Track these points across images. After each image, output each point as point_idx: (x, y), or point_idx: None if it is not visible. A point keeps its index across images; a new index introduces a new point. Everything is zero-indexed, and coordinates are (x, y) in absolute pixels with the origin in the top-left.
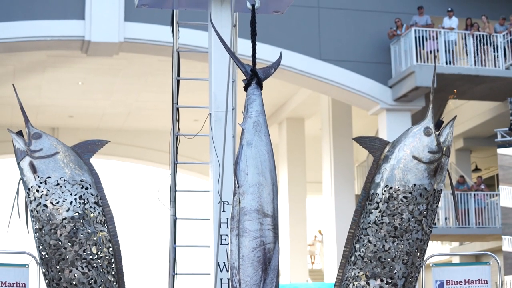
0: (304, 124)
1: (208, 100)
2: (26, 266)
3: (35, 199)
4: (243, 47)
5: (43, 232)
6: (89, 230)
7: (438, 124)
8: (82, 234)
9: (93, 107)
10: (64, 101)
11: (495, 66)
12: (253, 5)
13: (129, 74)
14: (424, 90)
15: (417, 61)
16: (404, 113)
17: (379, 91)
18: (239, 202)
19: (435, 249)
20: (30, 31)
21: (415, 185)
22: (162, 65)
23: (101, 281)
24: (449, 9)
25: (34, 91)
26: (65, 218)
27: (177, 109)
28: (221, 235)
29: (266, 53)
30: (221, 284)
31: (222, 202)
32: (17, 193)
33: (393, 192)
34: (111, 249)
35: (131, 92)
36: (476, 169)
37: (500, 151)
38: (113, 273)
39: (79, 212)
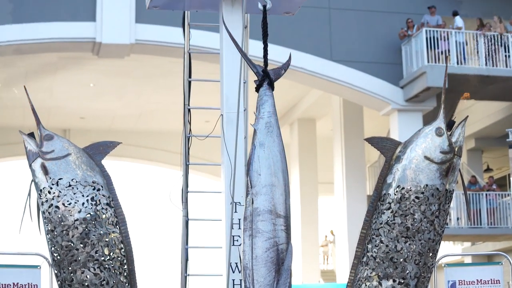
0: (315, 125)
1: (219, 101)
2: (38, 267)
3: (47, 201)
4: (255, 48)
5: (55, 233)
6: (101, 231)
7: (450, 124)
8: (94, 235)
9: (104, 108)
10: (75, 103)
11: (506, 66)
12: (264, 6)
13: (140, 75)
14: (436, 91)
15: (428, 62)
16: (415, 114)
17: (391, 92)
18: (252, 203)
19: (447, 249)
20: (41, 33)
21: (427, 185)
22: (173, 66)
23: (113, 282)
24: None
25: (45, 93)
26: (77, 220)
27: (189, 110)
28: (233, 236)
29: (277, 54)
30: (233, 285)
31: (234, 203)
32: (29, 194)
33: (405, 193)
34: (123, 250)
35: (142, 93)
36: (488, 169)
37: None
38: (125, 274)
39: (91, 213)
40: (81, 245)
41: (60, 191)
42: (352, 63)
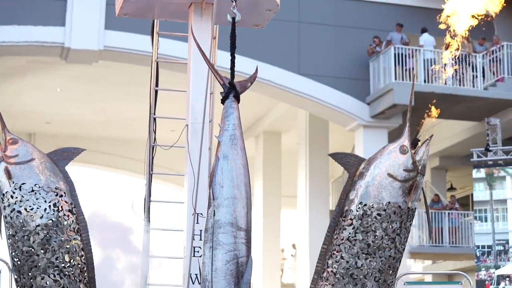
0: (281, 138)
1: (185, 111)
2: None
3: (9, 205)
4: (223, 59)
5: (16, 238)
6: (62, 238)
7: (414, 143)
8: (55, 241)
9: (71, 114)
10: (42, 107)
11: (474, 86)
12: (233, 18)
13: (108, 82)
14: (402, 108)
15: (395, 79)
16: (381, 130)
17: (357, 108)
18: (214, 215)
19: (408, 267)
20: (10, 35)
21: (389, 202)
22: (141, 74)
23: None
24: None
25: (12, 97)
26: (38, 225)
27: (154, 119)
28: (194, 247)
29: (245, 66)
30: None
31: (196, 214)
32: None
33: (367, 209)
34: (83, 257)
35: (109, 100)
36: (451, 188)
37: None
38: (85, 281)
39: (53, 219)
40: (42, 251)
41: (22, 196)
42: (320, 78)
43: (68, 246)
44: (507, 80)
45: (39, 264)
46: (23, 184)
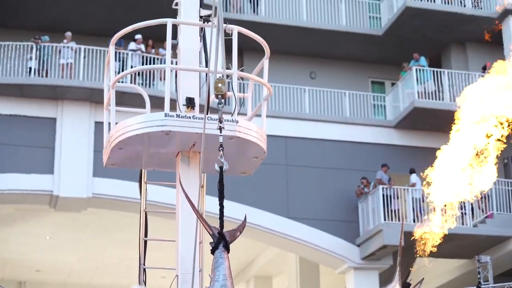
0: (271, 282)
1: (175, 260)
2: None
3: None
4: (211, 204)
5: None
6: None
7: (406, 287)
8: None
9: (60, 262)
10: (32, 255)
11: (463, 223)
12: (221, 168)
13: (97, 229)
14: (392, 249)
15: (385, 220)
16: (371, 272)
17: (347, 250)
18: None
19: None
20: None
21: None
22: (130, 221)
23: None
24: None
25: (1, 244)
26: None
27: (144, 269)
28: None
29: (234, 211)
30: None
31: None
32: None
33: None
34: None
35: (98, 247)
36: None
37: None
38: None
39: None
40: None
41: None
42: (309, 221)
43: None
44: (496, 216)
45: None
46: None
